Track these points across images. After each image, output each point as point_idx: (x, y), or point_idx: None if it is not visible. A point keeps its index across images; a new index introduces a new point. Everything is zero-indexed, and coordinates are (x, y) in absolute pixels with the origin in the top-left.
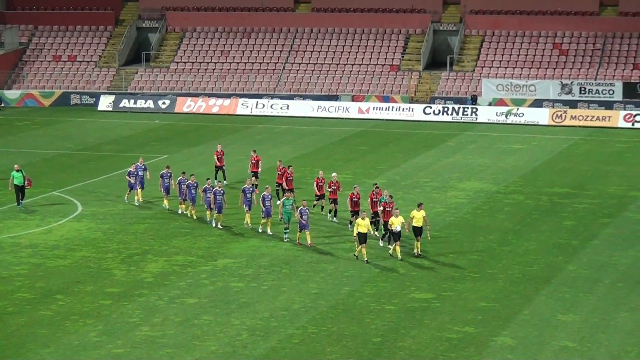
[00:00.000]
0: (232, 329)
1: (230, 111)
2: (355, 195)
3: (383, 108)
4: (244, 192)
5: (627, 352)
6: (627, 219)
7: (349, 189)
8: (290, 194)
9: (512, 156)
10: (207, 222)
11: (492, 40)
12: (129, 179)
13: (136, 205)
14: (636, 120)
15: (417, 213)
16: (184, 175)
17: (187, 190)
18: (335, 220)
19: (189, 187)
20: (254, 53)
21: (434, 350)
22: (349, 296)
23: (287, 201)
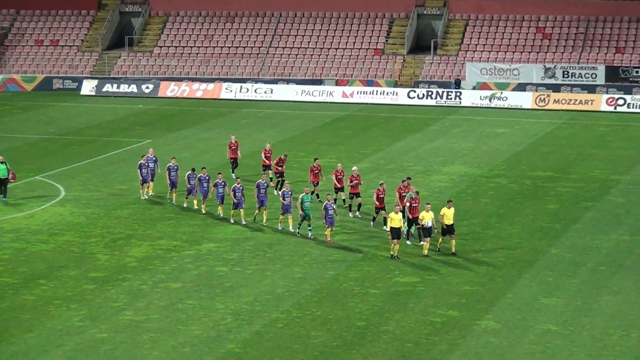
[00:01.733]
0: (217, 313)
1: (214, 95)
2: (381, 191)
3: (367, 92)
4: (258, 187)
5: (609, 335)
6: (610, 203)
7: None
8: (306, 187)
9: (496, 140)
10: (216, 215)
11: (475, 25)
12: (141, 171)
13: (145, 199)
14: (618, 103)
15: (447, 210)
16: (193, 171)
17: (199, 184)
18: (358, 214)
19: (201, 181)
20: (237, 37)
21: (418, 333)
22: (333, 280)
23: (306, 197)
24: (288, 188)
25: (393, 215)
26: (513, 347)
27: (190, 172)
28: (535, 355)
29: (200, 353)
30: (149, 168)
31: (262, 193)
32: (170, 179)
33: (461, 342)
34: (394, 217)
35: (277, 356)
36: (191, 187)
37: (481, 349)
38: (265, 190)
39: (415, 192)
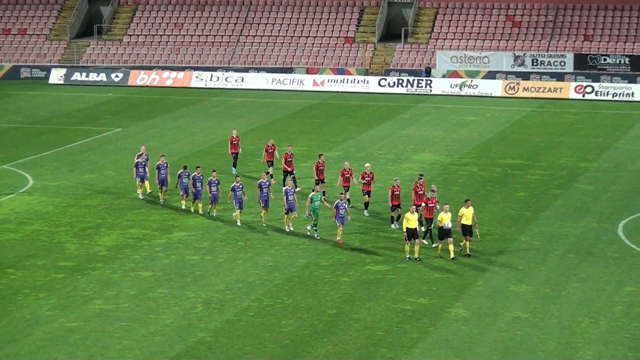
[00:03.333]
0: (187, 302)
1: (184, 84)
2: (396, 188)
3: (338, 80)
4: (260, 187)
5: (578, 323)
6: (578, 190)
7: (309, 161)
8: (317, 186)
9: (466, 128)
10: (211, 216)
11: (446, 13)
12: (138, 170)
13: (141, 199)
14: (587, 91)
15: (465, 210)
16: (185, 169)
17: (192, 183)
18: (366, 213)
19: (195, 180)
20: (208, 26)
21: (389, 321)
22: (304, 268)
23: (316, 196)
24: (291, 185)
25: (409, 216)
26: (483, 334)
27: (182, 170)
28: (504, 342)
29: (171, 342)
30: (146, 167)
31: (264, 193)
32: (159, 178)
33: (432, 329)
34: (410, 218)
35: (248, 345)
36: (184, 187)
37: (451, 337)
38: (268, 189)
39: (432, 191)
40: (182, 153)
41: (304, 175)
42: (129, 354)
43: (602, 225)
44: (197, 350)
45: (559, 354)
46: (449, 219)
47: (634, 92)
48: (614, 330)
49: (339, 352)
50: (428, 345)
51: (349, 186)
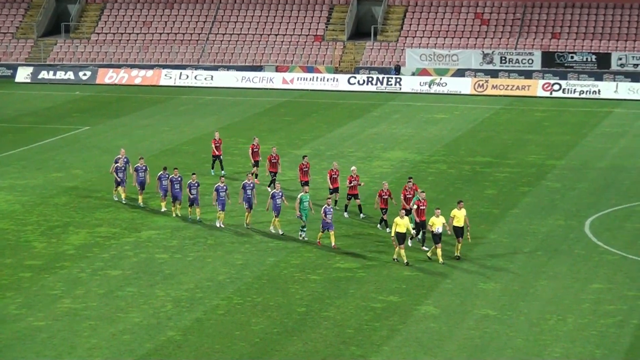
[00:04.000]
0: (157, 301)
1: (153, 82)
2: (385, 192)
3: (307, 78)
4: (244, 188)
5: (546, 320)
6: (546, 188)
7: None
8: (306, 187)
9: (436, 126)
10: (189, 219)
11: (415, 11)
12: (117, 174)
13: (124, 203)
14: (554, 89)
15: (458, 212)
16: (165, 171)
17: (171, 185)
18: (362, 215)
19: (173, 182)
20: (176, 24)
21: (359, 319)
22: (274, 267)
23: (305, 197)
24: (279, 189)
25: (398, 221)
26: (452, 332)
27: (162, 172)
28: (473, 340)
29: (140, 340)
30: (125, 170)
31: (248, 194)
32: (138, 180)
33: (401, 327)
34: (400, 222)
35: (218, 343)
36: (164, 189)
37: (421, 334)
38: (252, 191)
39: (422, 194)
40: (151, 151)
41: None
42: (97, 353)
43: (569, 222)
44: (167, 349)
45: (528, 351)
46: (440, 223)
47: (600, 89)
48: (582, 327)
49: (309, 350)
50: (398, 343)
51: (338, 187)
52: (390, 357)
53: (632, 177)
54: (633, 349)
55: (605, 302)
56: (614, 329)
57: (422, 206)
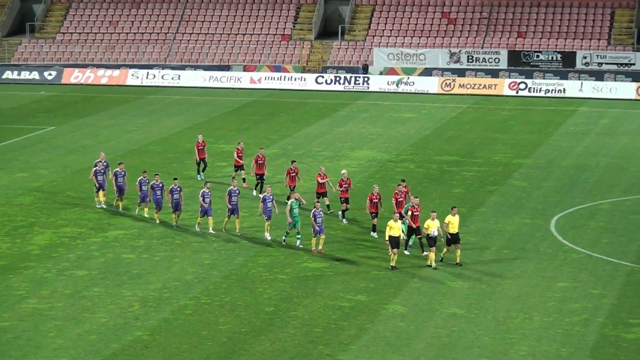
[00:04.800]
0: (124, 301)
1: (120, 82)
2: (375, 195)
3: (275, 78)
4: (230, 194)
5: (512, 318)
6: (512, 186)
7: (247, 158)
8: (296, 193)
9: (403, 125)
10: (173, 226)
11: (382, 10)
12: (97, 178)
13: (102, 208)
14: (520, 88)
15: (452, 218)
16: (145, 175)
17: (152, 191)
18: (345, 221)
19: (154, 188)
20: (143, 23)
21: (327, 318)
22: (242, 266)
23: (295, 203)
24: (269, 192)
25: (392, 224)
26: (420, 331)
27: (142, 177)
28: (441, 338)
29: (106, 341)
30: (105, 175)
31: (233, 201)
32: (116, 185)
33: (369, 326)
34: (393, 226)
35: (186, 343)
36: (143, 195)
37: (389, 333)
38: (237, 197)
39: (415, 200)
40: (118, 151)
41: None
42: (63, 354)
43: (536, 221)
44: (134, 349)
45: (494, 350)
46: (435, 226)
47: (565, 88)
48: (547, 325)
49: (277, 349)
50: (366, 342)
51: (326, 192)
52: (358, 356)
53: (596, 176)
54: (598, 347)
55: (570, 301)
56: (579, 327)
57: (415, 212)
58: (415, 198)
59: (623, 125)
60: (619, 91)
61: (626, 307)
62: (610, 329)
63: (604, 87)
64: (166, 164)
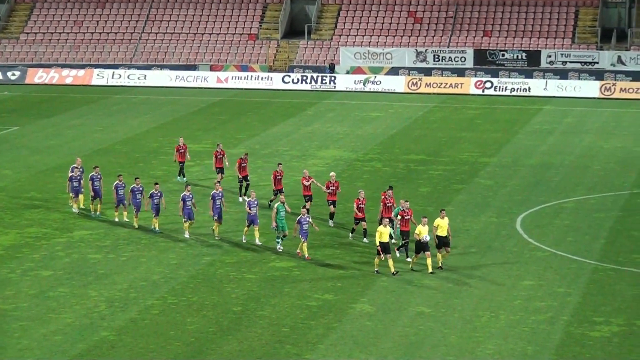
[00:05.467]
0: (90, 301)
1: (85, 82)
2: (361, 200)
3: (242, 77)
4: (213, 198)
5: (479, 317)
6: (479, 185)
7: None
8: (282, 196)
9: (370, 124)
10: (153, 230)
11: (349, 9)
12: (72, 184)
13: (76, 213)
14: (486, 87)
15: (441, 221)
16: (120, 179)
17: (132, 195)
18: (331, 224)
19: (134, 192)
20: (108, 23)
21: (294, 318)
22: (209, 266)
23: (281, 207)
24: (254, 197)
25: (382, 229)
26: (387, 329)
27: (119, 181)
28: (408, 337)
29: (72, 341)
30: (80, 180)
31: (217, 205)
32: (93, 189)
33: (337, 325)
34: (384, 231)
35: (152, 343)
36: (120, 198)
37: (356, 332)
38: (221, 201)
39: (406, 204)
40: (83, 151)
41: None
42: (28, 354)
43: (502, 219)
44: (100, 349)
45: (461, 348)
46: (427, 231)
47: (530, 87)
48: (514, 324)
49: (244, 349)
50: (333, 341)
51: (311, 195)
52: (325, 356)
53: (560, 174)
54: (563, 345)
55: (536, 299)
56: (545, 325)
57: (406, 216)
58: (405, 202)
59: (587, 123)
60: (583, 90)
61: (591, 305)
62: (576, 327)
63: (568, 85)
64: (132, 163)
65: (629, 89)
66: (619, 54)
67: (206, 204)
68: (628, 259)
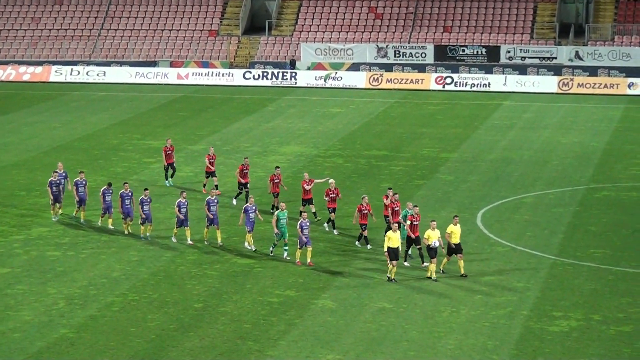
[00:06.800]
0: (48, 298)
1: (42, 79)
2: (365, 206)
3: (202, 73)
4: (208, 204)
5: (440, 312)
6: (439, 180)
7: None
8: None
9: (331, 120)
10: (141, 238)
11: (309, 5)
12: (51, 189)
13: (56, 220)
14: (446, 82)
15: (454, 227)
16: (109, 187)
17: (121, 201)
18: (335, 232)
19: (123, 198)
20: (67, 20)
21: (256, 314)
22: (170, 263)
23: (282, 214)
24: (252, 202)
25: (391, 235)
26: (349, 325)
27: (106, 187)
28: (370, 333)
29: (31, 339)
30: (60, 185)
31: (212, 210)
32: (78, 195)
33: (298, 321)
34: (393, 237)
35: (113, 340)
36: (107, 205)
37: (318, 328)
38: (216, 206)
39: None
40: (41, 148)
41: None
42: None
43: (462, 215)
44: (59, 347)
45: (422, 343)
46: (436, 236)
47: (490, 82)
48: (474, 319)
49: (206, 345)
50: (295, 338)
51: (311, 198)
52: (287, 352)
53: (520, 169)
54: (523, 340)
55: (496, 294)
56: (505, 320)
57: (415, 221)
58: (415, 207)
59: (545, 118)
60: (541, 85)
61: (549, 300)
62: (535, 322)
63: (527, 81)
64: (92, 160)
65: (586, 84)
66: (577, 49)
67: (164, 204)
68: (585, 253)
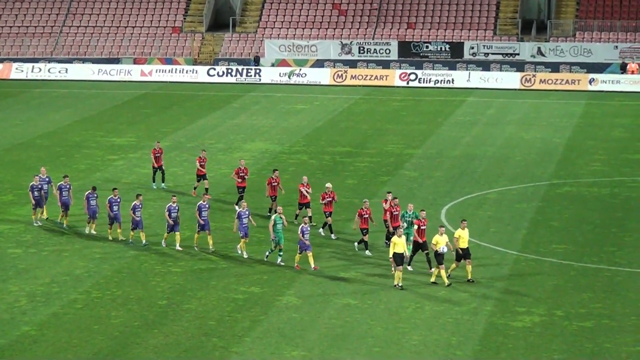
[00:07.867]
0: (10, 296)
1: (3, 76)
2: (365, 210)
3: (166, 70)
4: (200, 209)
5: (404, 308)
6: (404, 177)
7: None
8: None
9: (296, 116)
10: (129, 243)
11: (273, 2)
12: (33, 194)
13: (38, 225)
14: (410, 78)
15: (462, 232)
16: (94, 191)
17: (109, 206)
18: (333, 236)
19: (111, 203)
20: (28, 16)
21: (221, 311)
22: (134, 260)
23: (279, 218)
24: (245, 208)
25: (396, 240)
26: (314, 321)
27: (91, 191)
28: (335, 329)
29: None
30: (42, 190)
31: (203, 216)
32: (61, 200)
33: (263, 318)
34: (398, 242)
35: (76, 337)
36: (92, 211)
37: (283, 325)
38: (207, 211)
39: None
40: (2, 146)
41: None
42: None
43: (427, 211)
44: (22, 344)
45: (387, 339)
46: (444, 242)
47: (454, 78)
48: (438, 315)
49: (170, 342)
50: (259, 334)
51: (309, 202)
52: (252, 348)
53: (483, 165)
54: (487, 336)
55: (460, 290)
56: (469, 316)
57: (422, 226)
58: (422, 211)
59: (508, 115)
60: (504, 81)
61: (513, 296)
62: (498, 318)
63: (490, 77)
64: (54, 158)
65: (548, 80)
66: (539, 45)
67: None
68: (548, 249)
